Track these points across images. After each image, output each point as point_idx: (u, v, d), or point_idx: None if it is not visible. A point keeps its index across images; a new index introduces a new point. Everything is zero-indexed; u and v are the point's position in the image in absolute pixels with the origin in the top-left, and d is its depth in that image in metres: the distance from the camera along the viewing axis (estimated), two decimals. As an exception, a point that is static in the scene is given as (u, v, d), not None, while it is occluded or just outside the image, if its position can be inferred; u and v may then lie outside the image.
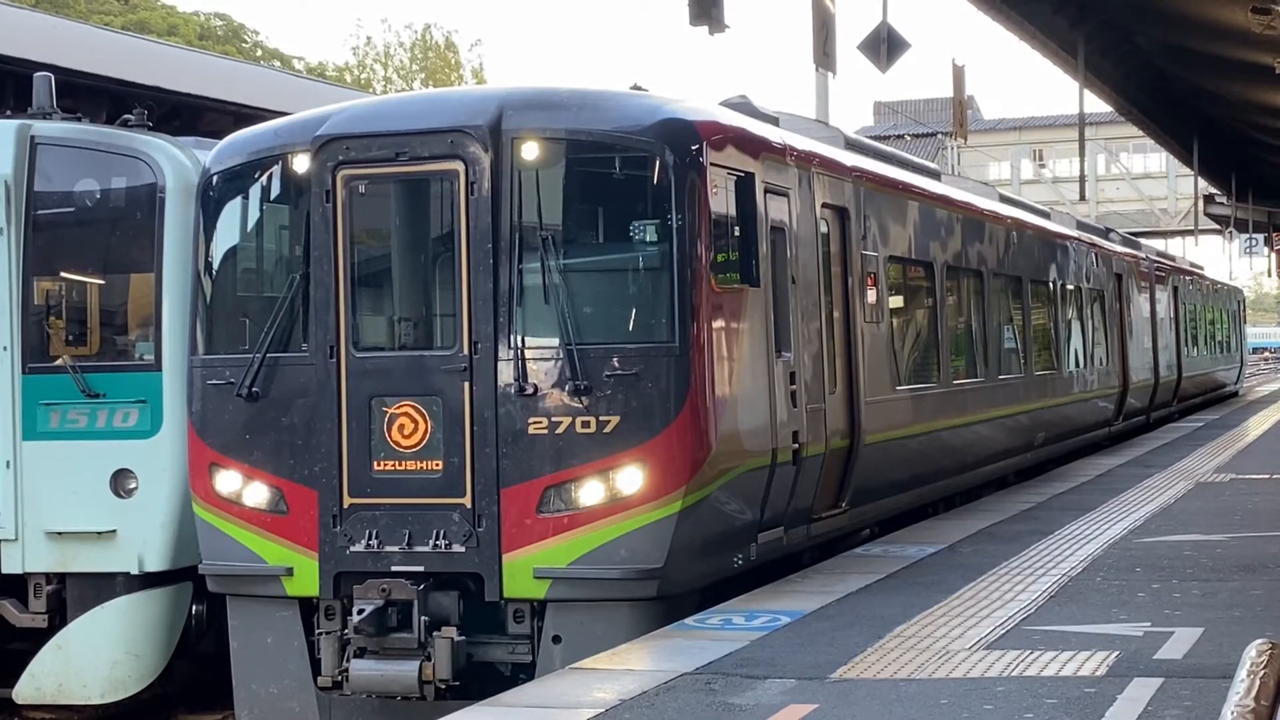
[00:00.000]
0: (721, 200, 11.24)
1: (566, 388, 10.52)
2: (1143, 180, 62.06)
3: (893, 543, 15.73)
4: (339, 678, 10.78)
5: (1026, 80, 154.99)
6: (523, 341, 10.61)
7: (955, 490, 18.18)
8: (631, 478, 10.48)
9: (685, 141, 10.93)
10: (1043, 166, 67.27)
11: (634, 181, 11.17)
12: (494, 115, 10.77)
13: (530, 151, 10.72)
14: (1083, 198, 40.01)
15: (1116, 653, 9.76)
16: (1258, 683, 5.75)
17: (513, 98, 11.27)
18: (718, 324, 10.98)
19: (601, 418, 10.50)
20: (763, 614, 11.56)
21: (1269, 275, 62.61)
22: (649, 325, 10.86)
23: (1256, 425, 32.24)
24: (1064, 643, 10.21)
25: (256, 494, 11.09)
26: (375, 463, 10.81)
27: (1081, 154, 31.02)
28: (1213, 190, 45.58)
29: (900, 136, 58.75)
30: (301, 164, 11.09)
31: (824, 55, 19.24)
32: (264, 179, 11.68)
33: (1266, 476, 21.35)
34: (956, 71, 27.04)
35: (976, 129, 56.79)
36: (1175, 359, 33.71)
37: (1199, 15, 21.40)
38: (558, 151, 11.00)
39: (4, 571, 12.21)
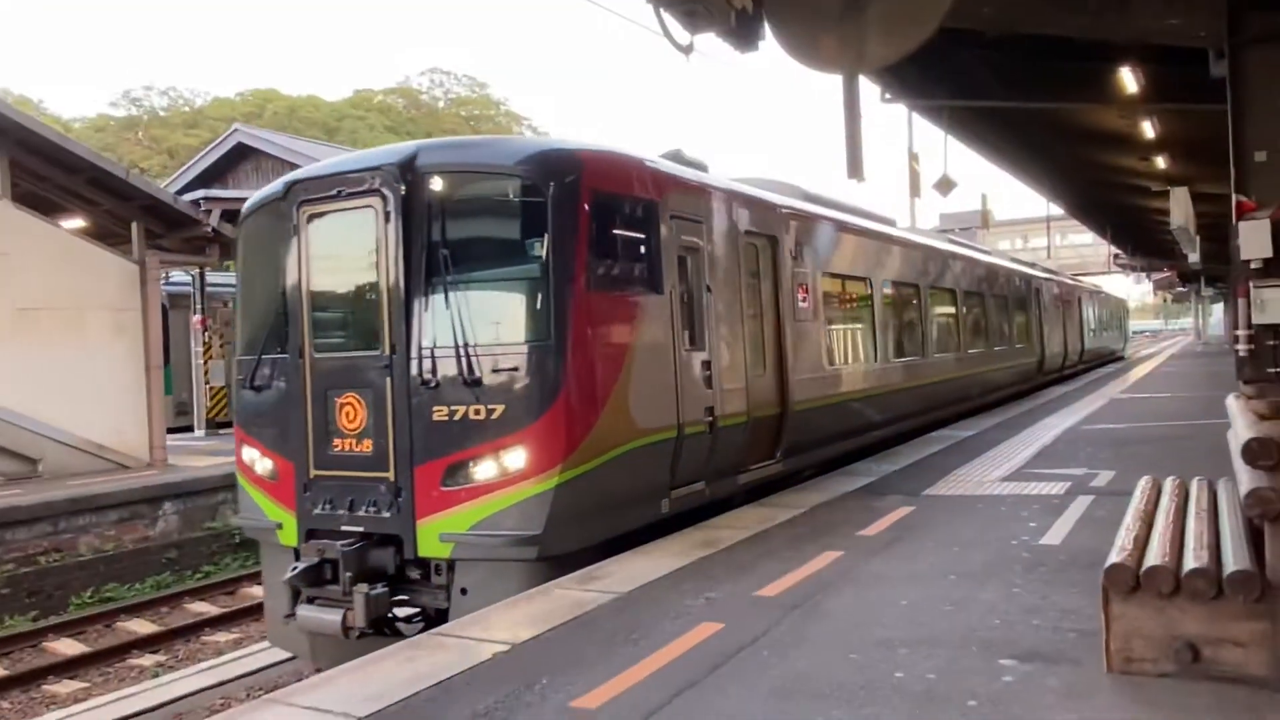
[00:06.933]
0: (606, 220, 10.75)
1: (462, 381, 10.15)
2: (1080, 246, 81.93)
3: (951, 428, 19.02)
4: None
5: (1021, 191, 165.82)
6: (431, 343, 10.31)
7: (880, 439, 18.03)
8: (517, 458, 9.98)
9: (563, 170, 10.45)
10: (1026, 242, 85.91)
11: (521, 206, 10.54)
12: (409, 155, 10.56)
13: (436, 183, 10.41)
14: (1049, 257, 60.14)
15: (1070, 484, 11.92)
16: (1145, 497, 7.30)
17: (429, 144, 10.95)
18: (595, 325, 10.37)
19: (489, 407, 10.06)
20: (886, 465, 14.82)
21: (1151, 295, 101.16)
22: (530, 327, 10.21)
23: (1137, 372, 40.34)
24: (1042, 478, 12.44)
25: (262, 465, 11.26)
26: (331, 442, 10.72)
27: (1048, 234, 48.29)
28: (1118, 250, 60.94)
29: (950, 230, 66.55)
30: (283, 205, 11.18)
31: (915, 191, 24.16)
32: (267, 218, 11.59)
33: (1147, 395, 26.46)
34: (983, 198, 37.99)
35: (995, 224, 67.00)
36: (1080, 340, 42.19)
37: (1090, 124, 25.86)
38: (457, 182, 10.54)
39: None
